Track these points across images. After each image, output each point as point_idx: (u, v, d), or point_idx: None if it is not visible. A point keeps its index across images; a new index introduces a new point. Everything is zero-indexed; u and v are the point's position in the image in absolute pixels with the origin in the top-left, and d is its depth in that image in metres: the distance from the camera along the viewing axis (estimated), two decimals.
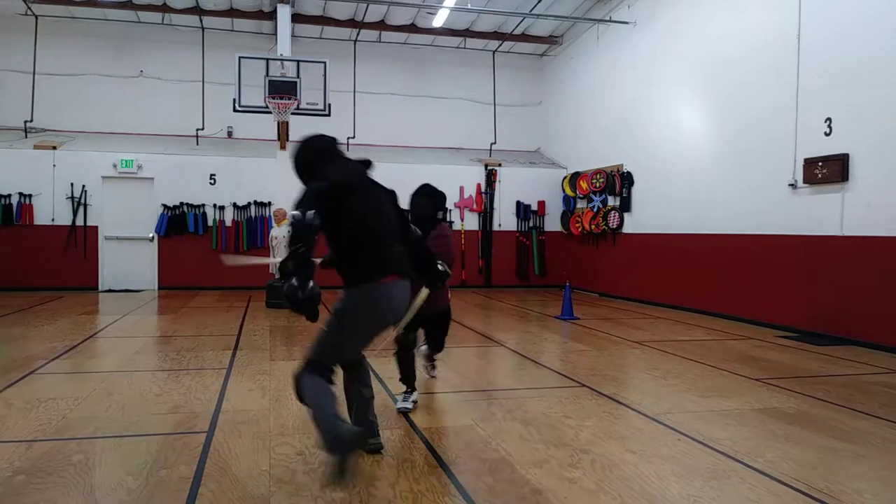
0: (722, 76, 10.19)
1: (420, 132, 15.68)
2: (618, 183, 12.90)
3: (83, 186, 13.10)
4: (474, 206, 15.04)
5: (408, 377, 4.86)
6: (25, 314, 9.65)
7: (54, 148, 13.07)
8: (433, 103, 15.80)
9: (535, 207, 15.32)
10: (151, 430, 4.21)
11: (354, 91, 15.06)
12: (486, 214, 15.12)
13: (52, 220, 13.03)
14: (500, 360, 7.07)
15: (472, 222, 15.07)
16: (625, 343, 7.81)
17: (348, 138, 14.85)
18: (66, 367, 6.18)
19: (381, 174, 14.22)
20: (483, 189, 15.10)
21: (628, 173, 12.71)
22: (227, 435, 4.10)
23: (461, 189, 14.97)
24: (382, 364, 6.27)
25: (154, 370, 6.12)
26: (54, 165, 12.98)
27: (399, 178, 15.32)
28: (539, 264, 15.27)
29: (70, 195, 13.08)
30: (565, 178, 14.91)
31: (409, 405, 4.74)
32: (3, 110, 13.70)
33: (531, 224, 15.34)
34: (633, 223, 12.57)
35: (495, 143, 15.97)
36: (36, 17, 13.59)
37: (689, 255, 10.88)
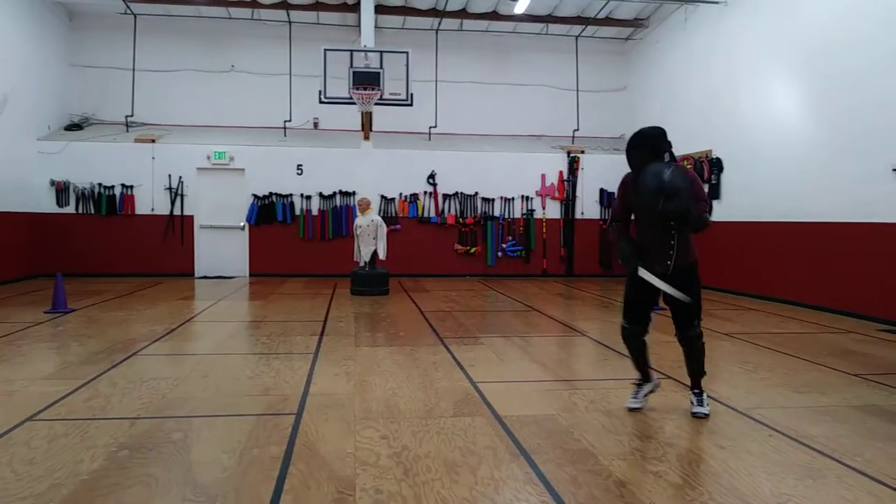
0: (822, 58, 9.65)
1: (501, 120, 15.62)
2: (706, 169, 12.47)
3: (180, 178, 13.75)
4: (556, 195, 14.87)
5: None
6: (128, 299, 10.23)
7: (153, 141, 13.77)
8: (514, 91, 15.69)
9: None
10: (244, 411, 4.40)
11: (436, 80, 15.12)
12: (569, 202, 14.93)
13: (152, 209, 13.74)
14: (582, 350, 6.99)
15: (553, 210, 14.91)
16: (713, 335, 7.57)
17: (430, 128, 14.95)
18: (165, 349, 6.52)
19: (462, 163, 14.33)
20: (565, 177, 14.91)
21: (717, 159, 12.26)
22: (315, 417, 4.23)
23: (542, 177, 14.82)
24: (463, 351, 6.32)
25: (246, 354, 6.38)
26: (153, 158, 13.67)
27: (480, 167, 15.39)
28: None
29: (168, 186, 13.76)
30: None
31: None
32: (106, 106, 14.52)
33: None
34: (723, 211, 12.13)
35: (578, 129, 15.72)
36: (135, 15, 14.30)
37: (783, 244, 10.41)
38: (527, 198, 14.83)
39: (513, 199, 14.72)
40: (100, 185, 13.59)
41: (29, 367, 5.75)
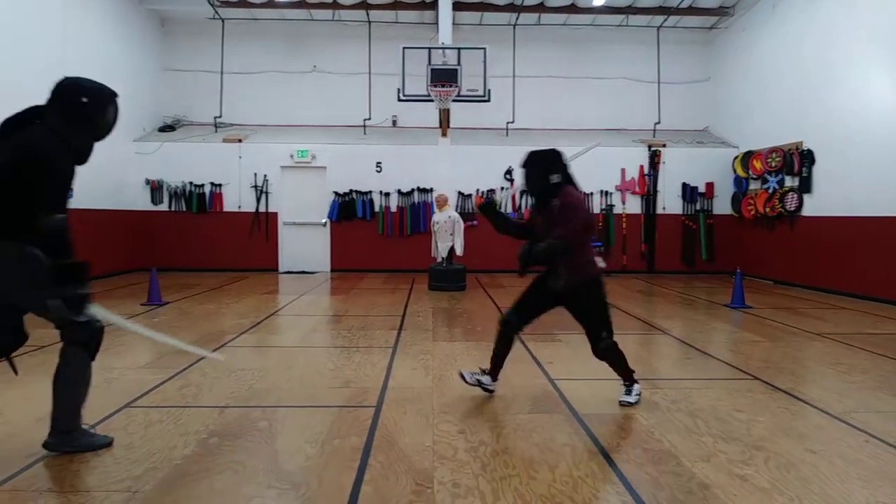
0: None
1: (579, 114, 15.39)
2: (796, 162, 11.93)
3: (264, 176, 14.22)
4: (636, 189, 14.56)
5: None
6: (217, 293, 10.66)
7: (240, 141, 14.29)
8: (593, 84, 15.44)
9: (702, 189, 14.55)
10: (326, 403, 4.52)
11: (514, 76, 15.05)
12: (650, 197, 14.58)
13: (239, 207, 14.27)
14: (663, 349, 6.83)
15: (634, 205, 14.60)
16: (803, 334, 7.25)
17: (507, 123, 14.89)
18: (251, 341, 6.77)
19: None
20: (646, 171, 14.56)
21: (809, 151, 11.71)
22: (394, 410, 4.31)
23: (622, 171, 14.53)
24: (540, 348, 6.29)
25: (328, 347, 6.55)
26: (240, 157, 14.19)
27: None
28: (707, 249, 14.51)
29: (253, 184, 14.26)
30: (736, 157, 14.01)
31: None
32: (196, 108, 15.17)
33: (698, 207, 14.59)
34: (814, 205, 11.59)
35: (659, 122, 15.33)
36: (222, 20, 14.85)
37: (882, 239, 9.85)
38: (606, 193, 14.57)
39: (591, 194, 14.49)
40: (191, 183, 14.23)
41: (127, 356, 6.08)
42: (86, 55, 12.00)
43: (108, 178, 12.96)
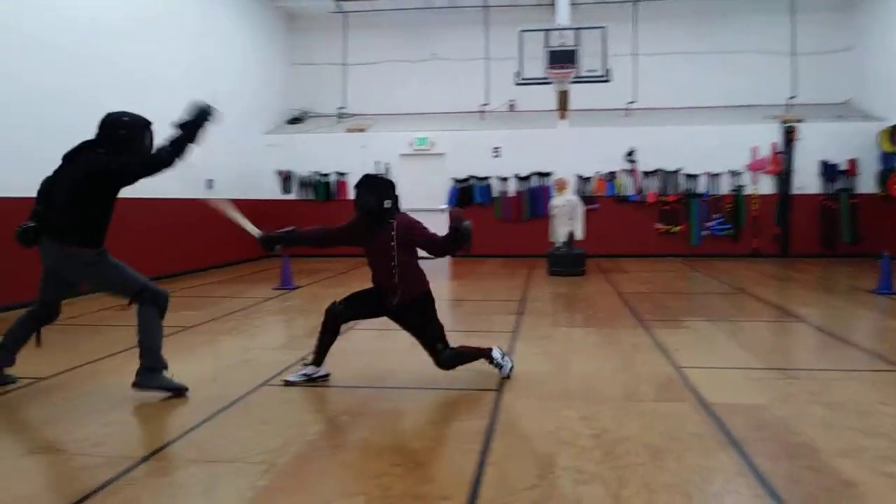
0: None
1: (705, 91, 14.66)
2: None
3: (386, 164, 14.59)
4: (769, 168, 13.72)
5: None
6: (344, 277, 11.09)
7: (362, 130, 14.73)
8: (719, 59, 14.66)
9: (843, 167, 13.50)
10: (448, 385, 4.61)
11: (634, 54, 14.57)
12: (784, 176, 13.70)
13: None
14: (799, 337, 6.44)
15: (766, 185, 13.77)
16: None
17: (628, 103, 14.46)
18: (376, 324, 6.95)
19: (663, 138, 13.70)
20: (779, 148, 13.69)
21: None
22: (515, 395, 4.33)
23: (754, 150, 13.74)
24: (666, 335, 6.10)
25: (448, 331, 6.59)
26: (363, 146, 14.63)
27: (682, 141, 14.62)
28: (849, 231, 13.46)
29: (377, 172, 14.66)
30: (883, 132, 12.88)
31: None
32: (321, 100, 15.80)
33: (839, 186, 13.57)
34: None
35: (793, 96, 14.35)
36: (345, 13, 15.33)
37: None
38: (735, 173, 13.83)
39: (719, 174, 13.82)
40: (317, 172, 14.85)
41: (263, 337, 6.47)
42: (221, 52, 12.79)
43: (243, 170, 13.77)
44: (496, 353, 4.70)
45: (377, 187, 4.63)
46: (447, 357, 4.56)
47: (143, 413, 4.03)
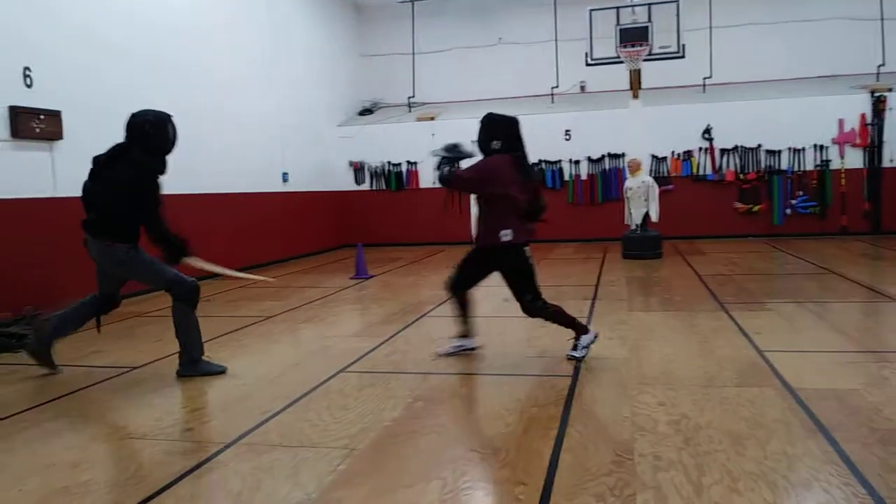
0: None
1: (786, 62, 14.02)
2: None
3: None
4: (857, 141, 13.01)
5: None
6: (415, 265, 11.21)
7: (432, 119, 14.79)
8: (801, 28, 13.97)
9: None
10: (522, 371, 4.62)
11: (710, 27, 14.04)
12: (873, 149, 12.96)
13: (433, 183, 14.65)
14: (893, 319, 6.11)
15: (854, 159, 13.06)
16: None
17: (704, 78, 13.97)
18: (449, 311, 7.04)
19: (742, 113, 13.20)
20: (869, 119, 12.94)
21: None
22: (590, 381, 4.29)
23: (840, 122, 13.03)
24: (747, 318, 5.91)
25: (522, 317, 6.60)
26: (433, 134, 14.64)
27: (763, 116, 14.05)
28: None
29: None
30: None
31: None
32: (392, 90, 15.95)
33: None
34: None
35: (883, 64, 13.52)
36: (412, 2, 15.39)
37: None
38: (820, 147, 13.18)
39: (803, 149, 13.20)
40: (388, 162, 15.02)
41: (340, 325, 6.63)
42: (293, 48, 13.09)
43: (317, 162, 14.08)
44: (585, 339, 4.69)
45: (487, 127, 4.78)
46: (535, 307, 4.66)
47: (228, 399, 4.20)
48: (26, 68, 7.21)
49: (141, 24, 9.04)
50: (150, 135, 4.58)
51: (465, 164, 4.77)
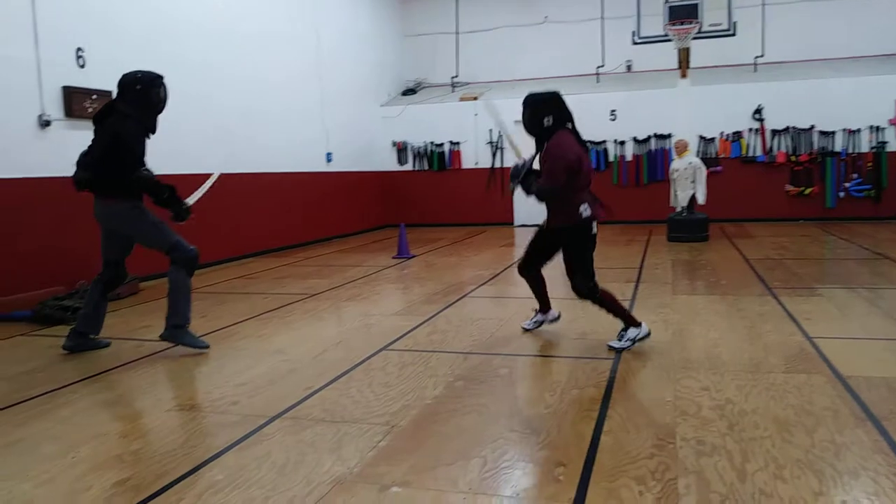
0: None
1: (842, 40, 13.48)
2: None
3: (499, 132, 14.51)
4: None
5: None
6: (457, 246, 11.22)
7: (475, 99, 14.69)
8: (857, 3, 13.39)
9: None
10: (563, 353, 4.60)
11: (763, 3, 13.60)
12: None
13: (476, 163, 14.77)
14: None
15: None
16: None
17: (756, 57, 13.56)
18: (490, 292, 7.06)
19: (795, 93, 12.76)
20: None
21: None
22: (632, 364, 4.25)
23: None
24: (797, 303, 5.77)
25: (563, 298, 6.56)
26: (475, 115, 14.60)
27: (816, 96, 13.60)
28: None
29: (489, 140, 14.63)
30: None
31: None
32: (436, 70, 15.89)
33: None
34: None
35: None
36: None
37: None
38: (877, 128, 12.70)
39: (858, 130, 12.75)
40: (431, 143, 15.00)
41: (382, 303, 6.69)
42: (338, 31, 13.11)
43: (360, 143, 14.15)
44: (634, 332, 4.56)
45: (534, 106, 4.59)
46: (585, 288, 4.58)
47: (273, 374, 4.28)
48: (79, 49, 7.40)
49: (193, 4, 9.19)
50: (140, 92, 4.61)
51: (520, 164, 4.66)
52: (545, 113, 4.53)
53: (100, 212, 4.74)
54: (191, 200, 4.83)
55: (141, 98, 4.62)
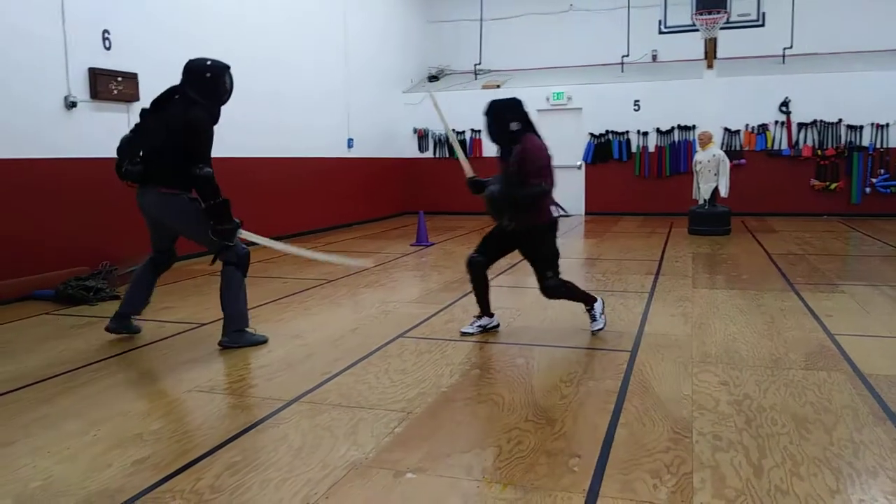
0: None
1: (871, 33, 13.23)
2: None
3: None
4: None
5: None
6: (477, 235, 11.16)
7: (498, 86, 14.61)
8: None
9: None
10: (580, 344, 4.59)
11: None
12: None
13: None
14: None
15: None
16: None
17: (784, 49, 13.35)
18: (508, 281, 7.04)
19: (823, 86, 12.57)
20: None
21: None
22: (650, 357, 4.23)
23: None
24: (818, 299, 5.71)
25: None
26: None
27: (845, 89, 13.38)
28: None
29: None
30: None
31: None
32: (458, 57, 15.83)
33: None
34: None
35: None
36: None
37: None
38: None
39: (887, 125, 12.51)
40: (453, 130, 14.92)
41: (400, 291, 6.71)
42: (363, 18, 13.08)
43: (382, 129, 14.15)
44: (598, 306, 4.75)
45: (498, 113, 4.63)
46: (553, 285, 4.63)
47: (292, 359, 4.32)
48: (105, 31, 7.45)
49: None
50: (209, 81, 4.46)
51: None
52: (510, 118, 4.59)
53: (151, 201, 4.50)
54: (246, 233, 4.61)
55: (210, 86, 4.47)
